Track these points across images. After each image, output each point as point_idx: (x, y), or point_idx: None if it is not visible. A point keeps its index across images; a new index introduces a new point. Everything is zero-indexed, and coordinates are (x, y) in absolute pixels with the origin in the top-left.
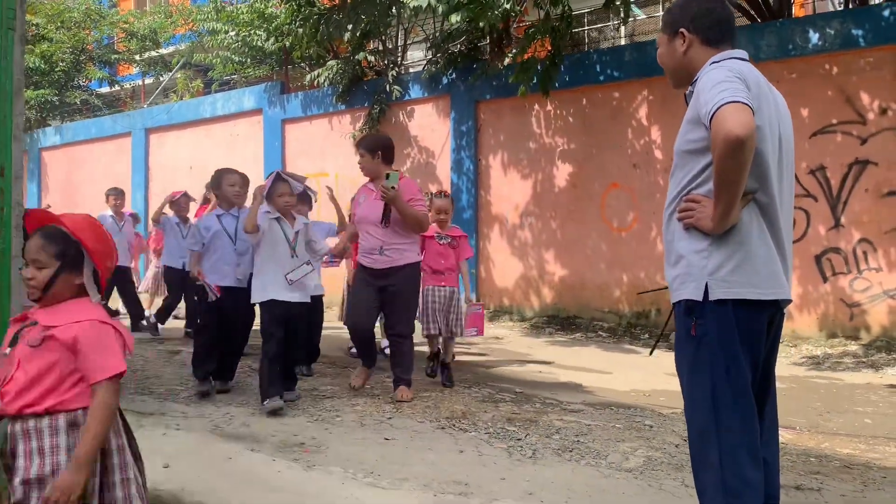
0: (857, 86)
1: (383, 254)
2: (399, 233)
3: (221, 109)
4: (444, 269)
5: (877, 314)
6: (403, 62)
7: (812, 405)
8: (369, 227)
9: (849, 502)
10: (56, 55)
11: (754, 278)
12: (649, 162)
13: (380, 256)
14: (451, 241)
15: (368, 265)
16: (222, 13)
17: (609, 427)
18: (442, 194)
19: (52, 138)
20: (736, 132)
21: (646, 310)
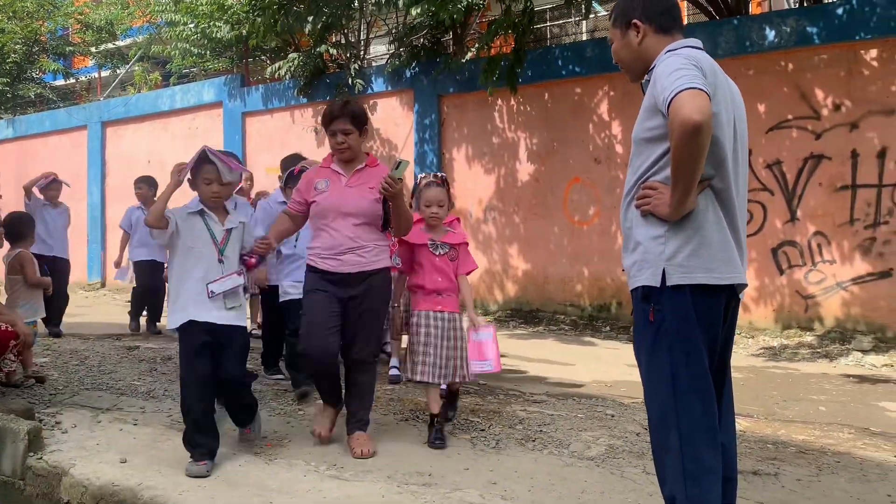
0: (812, 82)
1: (356, 254)
2: (374, 229)
3: (180, 102)
4: (442, 289)
5: (830, 306)
6: (366, 56)
7: (769, 394)
8: (336, 222)
9: (805, 486)
10: (7, 46)
11: (711, 263)
12: (611, 156)
13: (351, 257)
14: (449, 252)
15: (332, 269)
16: (181, 4)
17: (571, 417)
18: (434, 182)
19: (5, 131)
20: (693, 117)
21: (607, 303)
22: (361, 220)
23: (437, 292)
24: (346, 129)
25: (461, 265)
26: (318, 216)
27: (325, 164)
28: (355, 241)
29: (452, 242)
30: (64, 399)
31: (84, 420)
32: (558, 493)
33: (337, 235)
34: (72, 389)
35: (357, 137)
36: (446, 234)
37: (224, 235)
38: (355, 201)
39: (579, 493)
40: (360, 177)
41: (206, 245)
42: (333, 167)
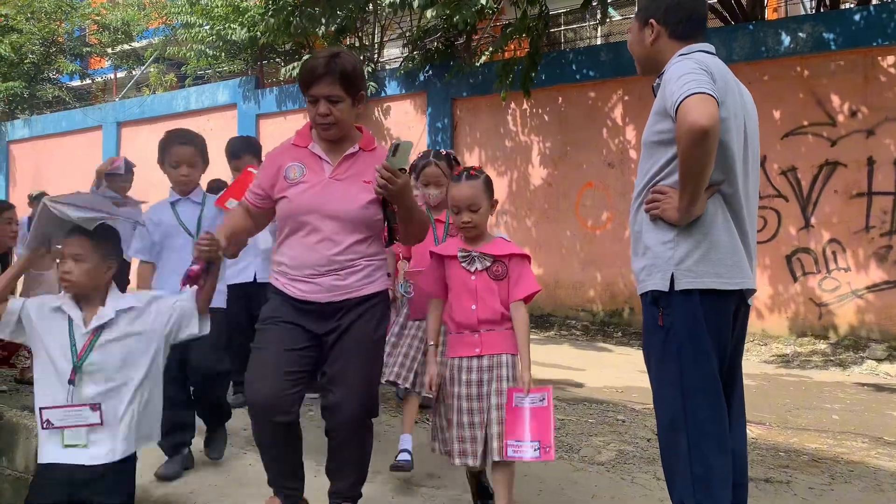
0: (828, 88)
1: (338, 276)
2: (369, 241)
3: (195, 104)
4: (480, 323)
5: (845, 314)
6: (380, 59)
7: (781, 402)
8: (314, 228)
9: (817, 495)
10: (26, 47)
11: (720, 268)
12: (624, 161)
13: (331, 280)
14: (493, 267)
15: (304, 296)
16: (196, 6)
17: (582, 422)
18: (466, 174)
19: (21, 131)
20: (700, 122)
21: (619, 308)
22: (351, 227)
23: (471, 328)
24: (332, 94)
25: (515, 286)
26: (288, 218)
27: (301, 142)
28: (340, 256)
29: (497, 254)
30: None
31: None
32: (568, 497)
33: (314, 248)
34: None
35: (348, 108)
36: (490, 242)
37: (87, 340)
38: (343, 200)
39: (589, 497)
40: (352, 165)
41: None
42: (313, 149)
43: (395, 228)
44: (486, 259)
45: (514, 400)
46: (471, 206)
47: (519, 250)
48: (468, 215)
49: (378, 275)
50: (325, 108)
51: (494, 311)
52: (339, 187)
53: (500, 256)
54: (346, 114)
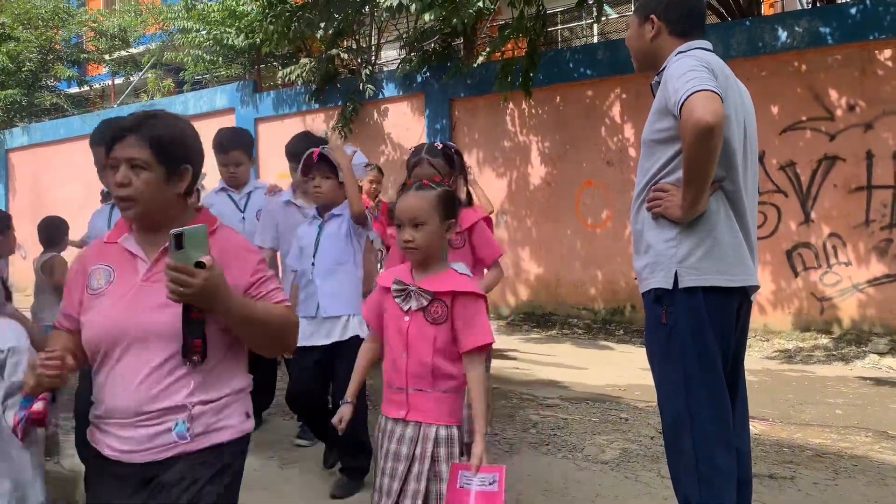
0: (826, 83)
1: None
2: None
3: (193, 109)
4: (409, 378)
5: (847, 308)
6: (377, 61)
7: (784, 397)
8: (122, 358)
9: (821, 490)
10: (23, 54)
11: (723, 265)
12: (623, 159)
13: (147, 433)
14: (429, 306)
15: (118, 456)
16: (193, 12)
17: (585, 420)
18: (417, 184)
19: (20, 139)
20: (706, 120)
21: (620, 306)
22: (168, 351)
23: (398, 384)
24: (135, 158)
25: (463, 333)
26: (90, 347)
27: (112, 238)
28: (156, 399)
29: (438, 290)
30: None
31: None
32: (572, 496)
33: (122, 385)
34: None
35: (158, 181)
36: (438, 274)
37: None
38: (152, 312)
39: (593, 496)
40: None
41: None
42: (124, 243)
43: (195, 344)
44: (424, 296)
45: (460, 479)
46: (413, 220)
47: (468, 287)
48: (409, 232)
49: (229, 413)
50: (122, 176)
51: (425, 366)
52: (152, 292)
53: (441, 294)
54: (151, 189)
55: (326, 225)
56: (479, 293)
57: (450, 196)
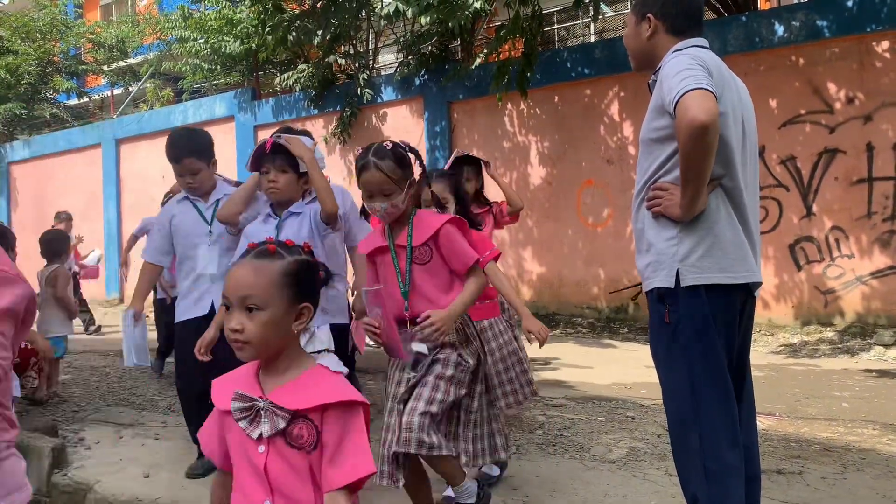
0: (824, 76)
1: None
2: None
3: (193, 117)
4: None
5: (850, 300)
6: (375, 65)
7: (790, 392)
8: None
9: (830, 484)
10: (22, 67)
11: (724, 263)
12: (623, 158)
13: None
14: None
15: None
16: (190, 21)
17: (591, 420)
18: None
19: (21, 152)
20: (700, 118)
21: (624, 305)
22: None
23: None
24: None
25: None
26: None
27: None
28: None
29: (300, 406)
30: (87, 415)
31: (107, 436)
32: (580, 497)
33: None
34: (94, 406)
35: None
36: (298, 375)
37: None
38: None
39: (602, 496)
40: None
41: None
42: None
43: None
44: (280, 414)
45: None
46: (244, 301)
47: (340, 395)
48: (237, 319)
49: None
50: None
51: None
52: None
53: (304, 410)
54: None
55: (284, 225)
56: (359, 401)
57: (305, 267)
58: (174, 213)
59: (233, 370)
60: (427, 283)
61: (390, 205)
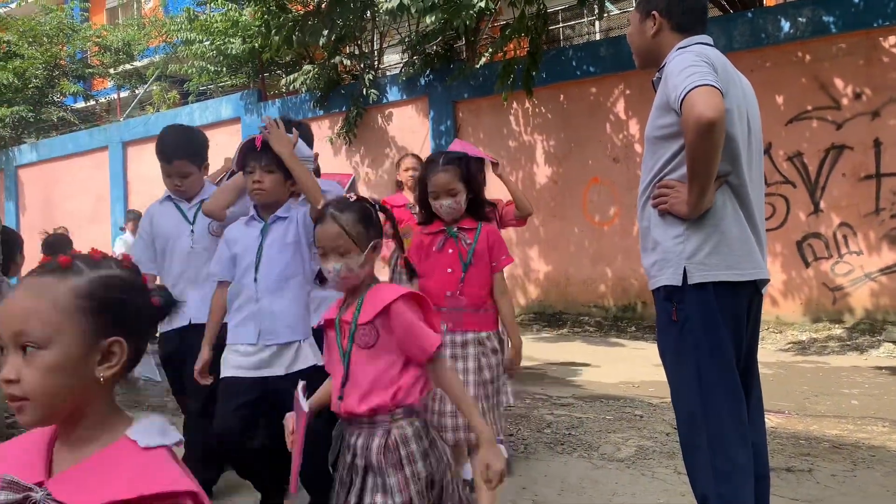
0: (831, 72)
1: None
2: None
3: (199, 119)
4: None
5: (859, 297)
6: (380, 65)
7: (799, 389)
8: None
9: (840, 482)
10: (29, 71)
11: (731, 260)
12: (629, 156)
13: None
14: None
15: None
16: (196, 23)
17: (600, 419)
18: None
19: (29, 155)
20: (707, 115)
21: (631, 303)
22: None
23: None
24: None
25: None
26: None
27: None
28: None
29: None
30: None
31: None
32: (589, 496)
33: None
34: None
35: None
36: None
37: None
38: None
39: (610, 495)
40: None
41: None
42: None
43: None
44: None
45: None
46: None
47: (145, 489)
48: (9, 385)
49: None
50: None
51: None
52: None
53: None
54: None
55: (270, 230)
56: (176, 491)
57: (115, 285)
58: (153, 214)
59: (25, 434)
60: (364, 371)
61: (345, 267)
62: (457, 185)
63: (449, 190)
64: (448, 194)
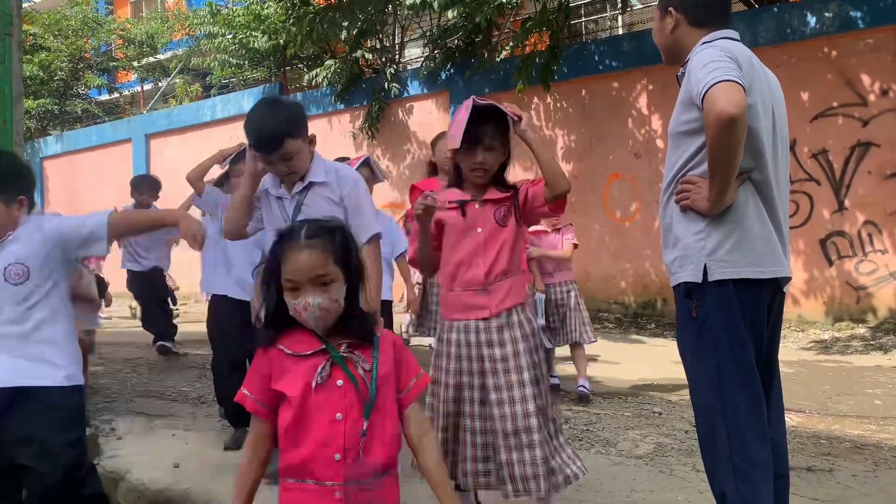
0: (857, 68)
1: None
2: None
3: (221, 112)
4: None
5: (883, 296)
6: (401, 59)
7: (821, 388)
8: None
9: (861, 482)
10: (55, 64)
11: (753, 257)
12: (651, 151)
13: None
14: None
15: None
16: (219, 16)
17: (618, 415)
18: None
19: (53, 147)
20: (728, 111)
21: (652, 299)
22: None
23: None
24: None
25: None
26: None
27: None
28: None
29: None
30: (118, 406)
31: (138, 426)
32: (607, 492)
33: None
34: (125, 397)
35: None
36: None
37: None
38: None
39: (628, 491)
40: None
41: None
42: None
43: None
44: None
45: None
46: None
47: None
48: None
49: None
50: None
51: None
52: None
53: None
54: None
55: None
56: None
57: None
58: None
59: None
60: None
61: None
62: (494, 142)
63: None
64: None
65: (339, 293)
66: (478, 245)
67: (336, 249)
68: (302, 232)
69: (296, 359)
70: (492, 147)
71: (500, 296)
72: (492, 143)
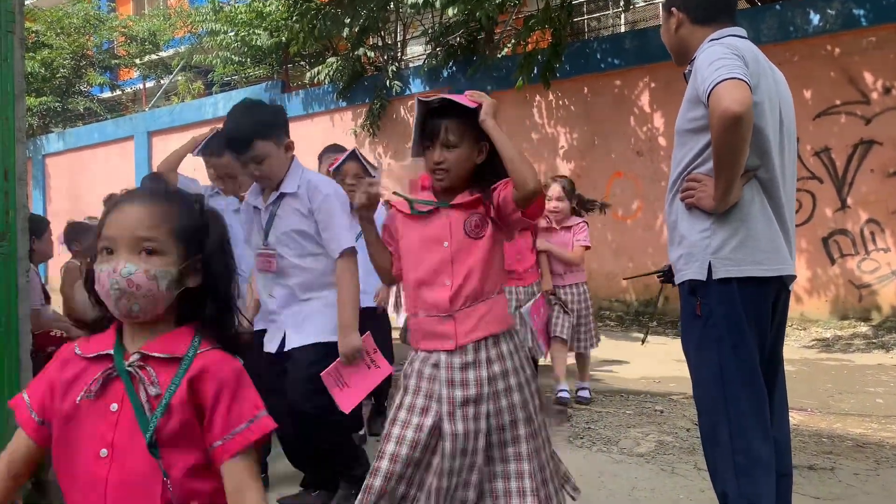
0: (860, 66)
1: None
2: None
3: (223, 110)
4: None
5: (886, 295)
6: (403, 57)
7: (823, 387)
8: None
9: (862, 481)
10: (57, 61)
11: (758, 255)
12: (653, 149)
13: None
14: None
15: None
16: (221, 14)
17: (620, 413)
18: None
19: (56, 144)
20: (733, 109)
21: (653, 297)
22: None
23: None
24: None
25: None
26: None
27: None
28: None
29: None
30: None
31: None
32: (608, 490)
33: None
34: None
35: None
36: None
37: None
38: None
39: (629, 490)
40: None
41: None
42: None
43: None
44: None
45: None
46: None
47: None
48: None
49: None
50: None
51: None
52: None
53: None
54: None
55: None
56: None
57: None
58: None
59: None
60: None
61: None
62: (453, 137)
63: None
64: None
65: (166, 274)
66: (443, 261)
67: (181, 219)
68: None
69: (83, 362)
70: (450, 143)
71: (470, 324)
72: (450, 138)
